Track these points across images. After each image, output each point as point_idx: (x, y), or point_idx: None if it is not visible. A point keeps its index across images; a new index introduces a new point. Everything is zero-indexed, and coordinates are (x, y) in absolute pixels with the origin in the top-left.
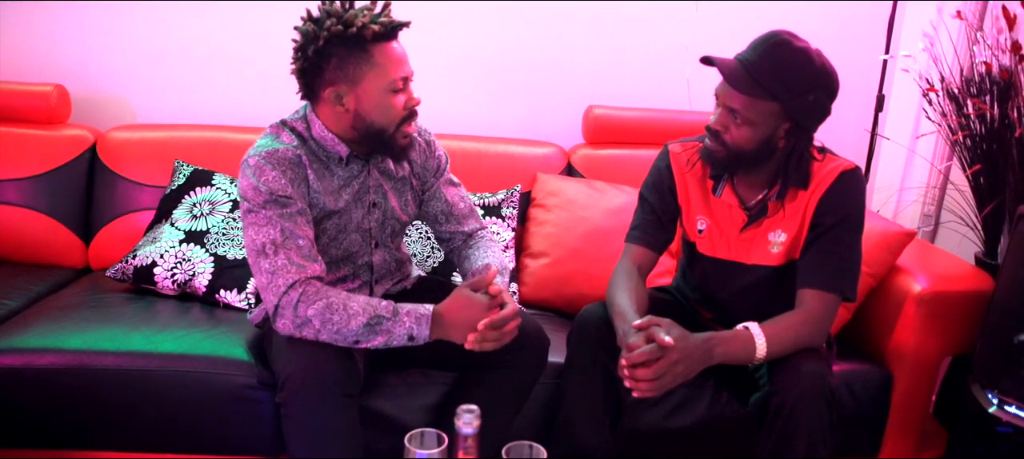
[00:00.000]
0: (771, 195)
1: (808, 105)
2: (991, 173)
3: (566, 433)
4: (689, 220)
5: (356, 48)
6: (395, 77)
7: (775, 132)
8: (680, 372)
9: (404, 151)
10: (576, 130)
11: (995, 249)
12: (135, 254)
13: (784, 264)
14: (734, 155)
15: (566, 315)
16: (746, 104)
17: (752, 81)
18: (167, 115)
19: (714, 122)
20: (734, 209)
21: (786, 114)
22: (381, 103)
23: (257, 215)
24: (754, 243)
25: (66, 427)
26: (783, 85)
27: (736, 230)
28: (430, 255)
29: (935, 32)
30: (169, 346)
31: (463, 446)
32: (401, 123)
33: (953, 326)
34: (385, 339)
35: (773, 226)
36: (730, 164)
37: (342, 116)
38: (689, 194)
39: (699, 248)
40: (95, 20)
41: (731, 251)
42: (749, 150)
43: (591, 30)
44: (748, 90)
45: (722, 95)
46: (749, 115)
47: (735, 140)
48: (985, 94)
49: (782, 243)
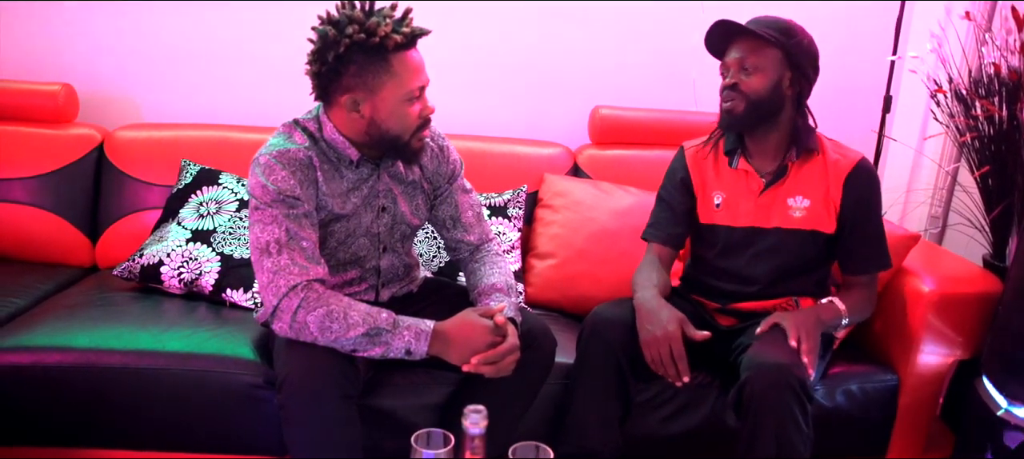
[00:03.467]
0: (790, 156)
1: (804, 48)
2: (999, 175)
3: (575, 433)
4: (705, 202)
5: (377, 57)
6: (413, 87)
7: (781, 78)
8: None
9: (417, 155)
10: (582, 130)
11: (1003, 251)
12: (142, 253)
13: (807, 231)
14: (752, 105)
15: (572, 316)
16: (753, 49)
17: (756, 29)
18: (174, 114)
19: (728, 79)
20: (751, 176)
21: (787, 61)
22: (397, 112)
23: (263, 213)
24: (773, 207)
25: (73, 425)
26: (780, 31)
27: (754, 196)
28: (437, 255)
29: (943, 33)
30: (175, 345)
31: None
32: (417, 131)
33: (961, 328)
34: (383, 351)
35: (792, 191)
36: (748, 118)
37: (356, 122)
38: (704, 177)
39: (718, 222)
40: (103, 19)
41: (750, 217)
42: (764, 95)
43: (598, 31)
44: (754, 35)
45: (730, 57)
46: (758, 61)
47: (751, 87)
48: (994, 95)
49: (804, 208)
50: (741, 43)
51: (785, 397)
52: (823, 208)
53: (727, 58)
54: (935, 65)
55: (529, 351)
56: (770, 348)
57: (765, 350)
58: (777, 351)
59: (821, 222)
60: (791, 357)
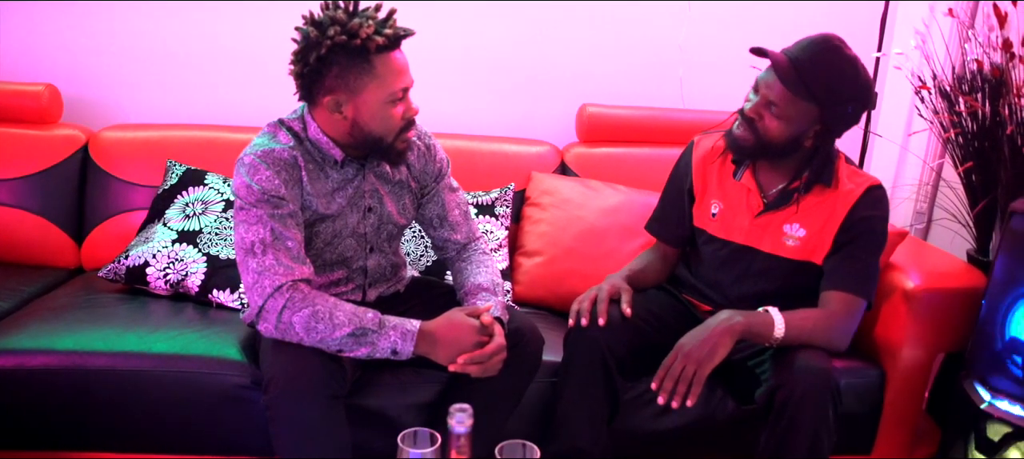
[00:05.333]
0: (797, 187)
1: (845, 115)
2: (983, 170)
3: (563, 432)
4: (702, 206)
5: (359, 59)
6: (395, 88)
7: (805, 132)
8: (695, 360)
9: (401, 156)
10: (570, 129)
11: (987, 246)
12: (128, 254)
13: (798, 261)
14: (761, 145)
15: (560, 314)
16: (787, 100)
17: (800, 81)
18: (159, 115)
19: (749, 109)
20: (752, 194)
21: (821, 118)
22: (380, 114)
23: (248, 213)
24: (767, 231)
25: (59, 428)
26: (828, 91)
27: (751, 215)
28: (424, 254)
29: (927, 30)
30: (162, 346)
31: (456, 445)
32: (400, 132)
33: (946, 323)
34: (369, 351)
35: (789, 219)
36: (754, 152)
37: (339, 123)
38: (706, 179)
39: (711, 231)
40: (86, 19)
41: (744, 235)
42: (777, 143)
43: (584, 29)
44: (794, 88)
45: (764, 86)
46: (787, 111)
47: (766, 131)
48: (977, 91)
49: (799, 238)
50: (777, 82)
51: (824, 401)
52: (818, 239)
53: (760, 81)
54: (919, 62)
55: (516, 350)
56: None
57: (803, 353)
58: (815, 354)
59: (814, 253)
60: (827, 360)
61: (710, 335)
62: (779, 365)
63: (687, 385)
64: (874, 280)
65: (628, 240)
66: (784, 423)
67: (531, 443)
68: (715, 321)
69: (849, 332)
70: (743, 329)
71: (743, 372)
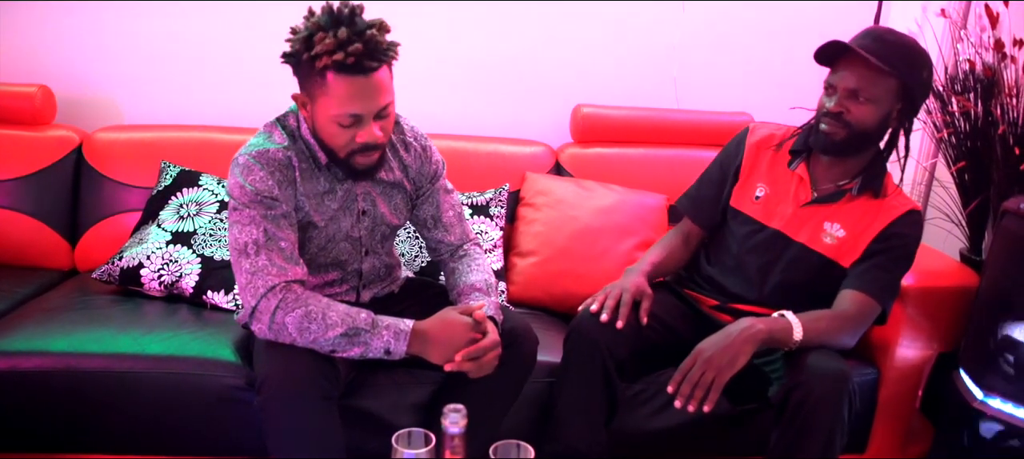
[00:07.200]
0: (851, 188)
1: (923, 82)
2: (975, 170)
3: (560, 433)
4: (746, 187)
5: (311, 69)
6: (341, 113)
7: (891, 112)
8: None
9: (361, 174)
10: (564, 129)
11: (980, 245)
12: (122, 255)
13: (829, 259)
14: (854, 136)
15: (555, 314)
16: (871, 82)
17: (883, 53)
18: (153, 116)
19: (833, 106)
20: (803, 184)
21: (902, 92)
22: (328, 129)
23: (242, 214)
24: (808, 223)
25: (53, 430)
26: (905, 61)
27: (797, 205)
28: (418, 255)
29: (920, 30)
30: (156, 348)
31: (450, 446)
32: (354, 153)
33: (939, 322)
34: (362, 351)
35: (832, 216)
36: (847, 146)
37: (307, 122)
38: (757, 163)
39: (749, 213)
40: (80, 20)
41: (784, 223)
42: (871, 127)
43: (579, 29)
44: (878, 65)
45: (840, 80)
46: (873, 92)
47: (858, 118)
48: (969, 91)
49: (837, 237)
50: (857, 68)
51: (841, 403)
52: (853, 243)
53: (836, 79)
54: None
55: (511, 350)
56: (823, 352)
57: (818, 353)
58: (830, 354)
59: (846, 256)
60: (843, 361)
61: (732, 343)
62: (794, 365)
63: (705, 391)
64: (895, 293)
65: (622, 240)
66: (799, 423)
67: (525, 443)
68: (737, 328)
69: (858, 334)
70: (765, 336)
71: (749, 370)
